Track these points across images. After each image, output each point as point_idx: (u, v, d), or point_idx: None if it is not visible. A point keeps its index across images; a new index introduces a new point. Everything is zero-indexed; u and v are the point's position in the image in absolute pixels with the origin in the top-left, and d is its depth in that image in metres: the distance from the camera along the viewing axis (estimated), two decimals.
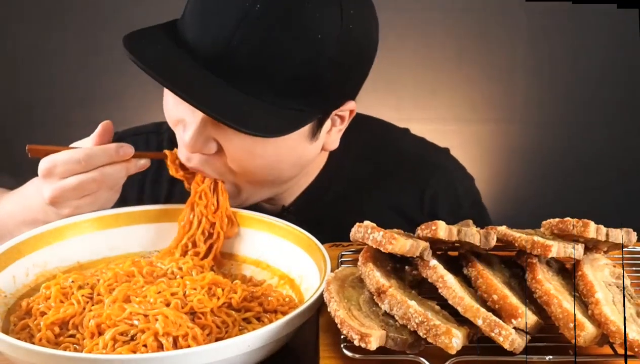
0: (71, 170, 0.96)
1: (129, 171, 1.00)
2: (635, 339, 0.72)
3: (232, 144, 0.97)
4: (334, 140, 1.07)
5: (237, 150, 0.98)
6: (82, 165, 0.96)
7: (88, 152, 0.97)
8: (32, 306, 0.90)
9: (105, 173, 0.97)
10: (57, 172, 0.97)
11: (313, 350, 0.82)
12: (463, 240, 0.81)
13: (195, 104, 0.90)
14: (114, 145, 0.98)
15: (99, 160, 0.97)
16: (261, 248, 1.03)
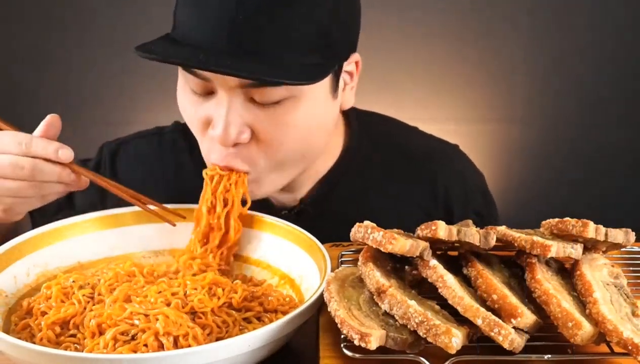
0: (10, 149, 0.93)
1: (61, 177, 0.94)
2: (629, 337, 0.72)
3: (264, 122, 0.98)
4: (348, 99, 1.10)
5: (270, 127, 0.98)
6: (21, 148, 0.92)
7: (32, 138, 0.93)
8: (33, 306, 0.90)
9: (36, 167, 0.92)
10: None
11: (313, 350, 0.82)
12: (463, 240, 0.81)
13: (224, 70, 0.91)
14: (57, 143, 0.94)
15: (39, 150, 0.93)
16: (261, 248, 1.03)
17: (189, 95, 1.01)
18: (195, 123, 1.02)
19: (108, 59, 2.24)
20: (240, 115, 0.97)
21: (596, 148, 2.36)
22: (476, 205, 1.25)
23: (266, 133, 0.99)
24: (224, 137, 0.97)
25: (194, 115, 1.01)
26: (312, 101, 1.00)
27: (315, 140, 1.05)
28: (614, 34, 2.27)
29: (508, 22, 2.29)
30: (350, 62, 1.06)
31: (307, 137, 1.03)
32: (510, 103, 2.37)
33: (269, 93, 0.96)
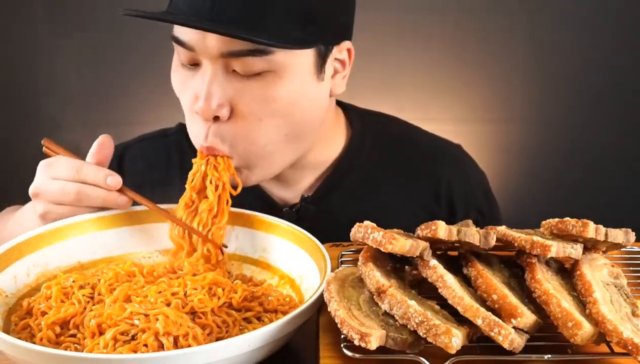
0: (62, 174, 0.99)
1: (106, 201, 1.00)
2: (629, 337, 0.72)
3: (244, 94, 1.00)
4: (339, 84, 1.10)
5: (249, 100, 1.00)
6: (71, 174, 0.98)
7: (82, 165, 0.99)
8: (33, 306, 0.90)
9: (84, 192, 0.99)
10: (51, 170, 1.00)
11: (313, 350, 0.82)
12: (463, 240, 0.81)
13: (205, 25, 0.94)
14: (107, 171, 1.00)
15: (88, 177, 0.99)
16: (261, 248, 1.03)
17: (179, 70, 1.04)
18: (184, 101, 1.04)
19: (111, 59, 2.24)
20: (221, 87, 0.99)
21: (596, 148, 2.36)
22: (479, 204, 1.25)
23: (246, 107, 1.00)
24: (205, 108, 0.99)
25: (184, 91, 1.03)
26: (294, 77, 1.01)
27: (297, 121, 1.05)
28: (614, 34, 2.27)
29: (508, 23, 2.29)
30: (342, 49, 1.07)
31: (288, 115, 1.03)
32: (509, 103, 2.37)
33: (250, 64, 0.98)
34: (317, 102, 1.08)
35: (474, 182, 1.28)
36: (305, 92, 1.04)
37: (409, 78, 2.32)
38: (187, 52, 1.00)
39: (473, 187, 1.27)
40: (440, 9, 2.26)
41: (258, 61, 0.98)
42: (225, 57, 0.98)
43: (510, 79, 2.34)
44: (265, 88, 1.00)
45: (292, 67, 1.00)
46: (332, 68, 1.07)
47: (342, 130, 1.21)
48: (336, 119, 1.20)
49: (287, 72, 1.00)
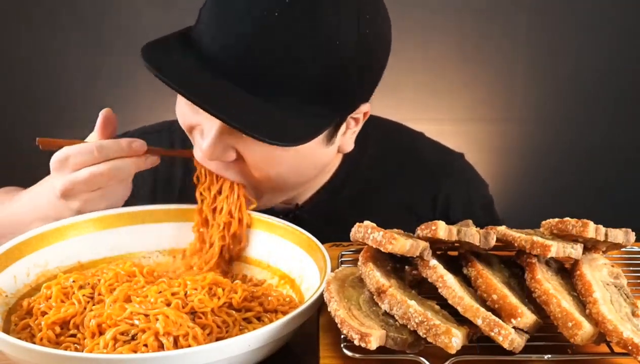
0: (84, 162, 0.96)
1: (139, 167, 1.00)
2: (629, 337, 0.72)
3: (251, 152, 0.97)
4: (348, 143, 1.07)
5: (256, 158, 0.98)
6: (95, 156, 0.96)
7: (101, 144, 0.97)
8: (33, 306, 0.90)
9: (115, 167, 0.97)
10: (69, 164, 0.97)
11: (313, 350, 0.82)
12: (463, 240, 0.81)
13: (214, 113, 0.89)
14: (127, 139, 0.98)
15: (111, 153, 0.97)
16: (261, 248, 1.03)
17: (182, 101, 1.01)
18: (185, 126, 1.02)
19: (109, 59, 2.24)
20: (229, 138, 0.96)
21: (596, 148, 2.36)
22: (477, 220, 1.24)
23: (252, 161, 0.98)
24: (209, 153, 0.97)
25: (188, 117, 1.01)
26: (302, 147, 0.96)
27: (304, 176, 1.05)
28: (614, 34, 2.27)
29: (508, 22, 2.29)
30: (359, 112, 1.03)
31: (296, 171, 1.02)
32: (509, 103, 2.37)
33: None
34: (325, 159, 1.06)
35: (473, 196, 1.26)
36: (313, 155, 1.02)
37: (409, 78, 2.32)
38: None
39: (471, 200, 1.25)
40: (440, 9, 2.26)
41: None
42: None
43: (510, 79, 2.34)
44: (273, 151, 0.96)
45: None
46: (344, 126, 1.03)
47: None
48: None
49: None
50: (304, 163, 1.02)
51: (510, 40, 2.31)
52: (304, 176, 1.05)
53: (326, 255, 0.91)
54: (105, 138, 1.00)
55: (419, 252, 0.80)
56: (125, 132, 1.26)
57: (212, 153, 0.97)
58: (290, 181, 1.04)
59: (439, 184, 1.22)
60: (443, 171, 1.24)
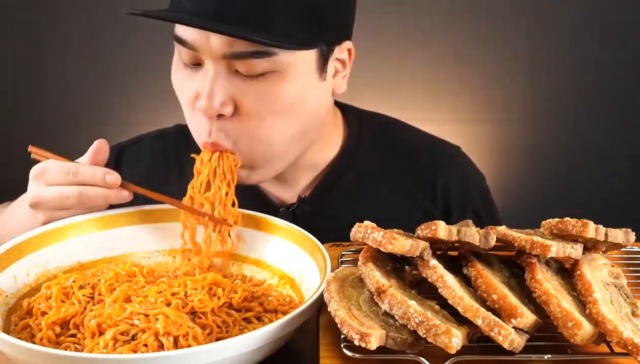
0: (57, 179, 0.98)
1: (108, 199, 1.00)
2: (629, 337, 0.72)
3: (247, 94, 0.99)
4: (340, 84, 1.10)
5: (253, 99, 1.00)
6: (69, 178, 0.98)
7: (77, 168, 0.98)
8: (33, 306, 0.90)
9: (83, 193, 0.98)
10: (45, 177, 0.99)
11: (313, 350, 0.82)
12: (463, 240, 0.81)
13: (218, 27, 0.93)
14: (103, 170, 0.99)
15: (84, 179, 0.98)
16: (261, 248, 1.03)
17: (180, 70, 1.03)
18: (185, 99, 1.04)
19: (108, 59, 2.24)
20: (224, 86, 0.99)
21: (596, 148, 2.36)
22: (476, 207, 1.25)
23: (249, 106, 1.00)
24: (208, 106, 0.99)
25: (184, 89, 1.03)
26: (297, 77, 1.01)
27: (301, 121, 1.05)
28: (614, 34, 2.27)
29: (507, 23, 2.29)
30: (343, 49, 1.07)
31: (292, 114, 1.03)
32: (509, 103, 2.37)
33: (253, 65, 0.98)
34: (320, 101, 1.08)
35: (471, 184, 1.27)
36: (309, 91, 1.04)
37: (409, 78, 2.32)
38: (190, 51, 1.00)
39: (470, 189, 1.26)
40: (440, 9, 2.26)
41: (261, 62, 0.98)
42: (228, 58, 0.98)
43: (510, 79, 2.35)
44: (268, 88, 1.00)
45: (295, 67, 1.00)
46: (333, 68, 1.08)
47: (339, 130, 1.21)
48: (334, 119, 1.20)
49: (290, 72, 1.00)
50: (300, 103, 1.03)
51: (510, 41, 2.31)
52: (301, 124, 1.05)
53: (326, 255, 0.91)
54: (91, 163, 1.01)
55: (419, 252, 0.80)
56: (118, 143, 1.26)
57: (211, 106, 0.98)
58: (286, 131, 1.04)
59: (437, 174, 1.23)
60: (440, 161, 1.25)
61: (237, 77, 0.99)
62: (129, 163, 1.24)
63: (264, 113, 1.01)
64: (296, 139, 1.07)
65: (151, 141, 1.27)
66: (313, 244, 0.95)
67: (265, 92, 1.00)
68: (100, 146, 1.02)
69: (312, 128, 1.09)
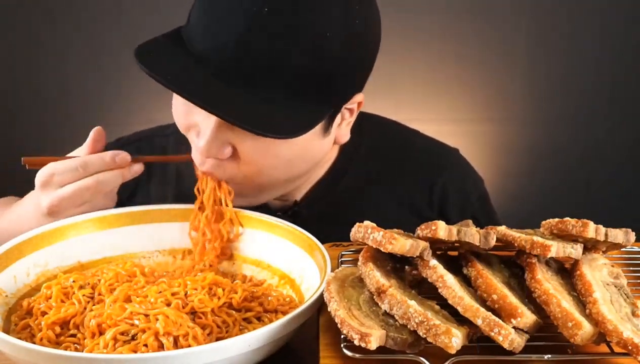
0: (69, 178, 0.98)
1: (124, 177, 1.02)
2: (629, 337, 0.72)
3: (247, 146, 0.98)
4: (344, 134, 1.08)
5: (252, 152, 0.98)
6: (80, 173, 0.98)
7: (85, 160, 0.98)
8: (33, 306, 0.90)
9: (100, 181, 0.99)
10: (54, 181, 0.99)
11: (313, 350, 0.82)
12: (463, 240, 0.81)
13: (212, 110, 0.90)
14: (111, 152, 1.00)
15: (95, 168, 0.98)
16: (261, 248, 1.03)
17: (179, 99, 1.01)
18: (182, 126, 1.03)
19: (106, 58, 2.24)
20: (225, 134, 0.97)
21: (596, 148, 2.36)
22: (474, 211, 1.24)
23: (247, 157, 0.99)
24: (205, 149, 0.97)
25: (184, 117, 1.01)
26: (297, 140, 0.96)
27: (298, 169, 1.05)
28: (614, 34, 2.27)
29: (507, 24, 2.29)
30: (353, 102, 1.04)
31: (289, 166, 1.03)
32: (509, 103, 2.37)
33: None
34: (321, 152, 1.06)
35: (469, 187, 1.27)
36: (310, 147, 1.02)
37: (409, 78, 2.32)
38: None
39: (468, 192, 1.26)
40: (440, 9, 2.26)
41: None
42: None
43: (510, 79, 2.34)
44: (269, 144, 0.97)
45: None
46: (339, 117, 1.05)
47: None
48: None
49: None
50: (299, 157, 1.02)
51: (510, 41, 2.31)
52: (297, 170, 1.05)
53: (326, 255, 0.91)
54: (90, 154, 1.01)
55: (419, 252, 0.80)
56: (119, 138, 1.26)
57: (209, 150, 0.97)
58: (282, 177, 1.04)
59: (435, 176, 1.23)
60: (438, 163, 1.25)
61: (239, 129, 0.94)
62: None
63: (260, 165, 1.00)
64: (291, 180, 1.07)
65: (151, 139, 1.27)
66: (313, 244, 0.95)
67: (265, 146, 0.97)
68: (98, 134, 1.02)
69: (309, 170, 1.09)
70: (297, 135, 0.94)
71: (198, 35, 0.96)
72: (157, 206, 1.07)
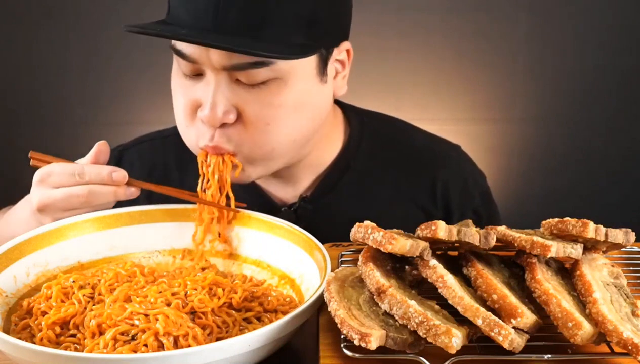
0: (64, 181, 0.99)
1: (117, 196, 1.01)
2: (629, 337, 0.72)
3: (250, 103, 1.00)
4: (341, 86, 1.11)
5: (256, 107, 1.00)
6: (76, 179, 0.99)
7: (83, 169, 0.99)
8: (33, 306, 0.90)
9: (92, 192, 0.99)
10: (50, 180, 0.99)
11: (313, 350, 0.82)
12: (463, 240, 0.81)
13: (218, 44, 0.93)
14: (109, 168, 1.00)
15: (91, 178, 0.99)
16: (261, 248, 1.03)
17: (180, 79, 1.03)
18: (185, 108, 1.03)
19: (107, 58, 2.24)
20: (226, 96, 0.99)
21: (596, 148, 2.36)
22: (475, 206, 1.25)
23: (252, 114, 1.00)
24: (211, 116, 0.99)
25: (184, 98, 1.03)
26: (298, 83, 1.01)
27: (304, 125, 1.06)
28: (614, 34, 2.27)
29: (508, 23, 2.29)
30: (341, 50, 1.08)
31: (295, 119, 1.04)
32: (510, 103, 2.37)
33: (254, 75, 0.98)
34: (321, 104, 1.08)
35: (471, 183, 1.27)
36: (310, 95, 1.04)
37: (409, 78, 2.32)
38: (190, 63, 1.00)
39: (470, 188, 1.26)
40: (440, 9, 2.26)
41: (262, 71, 0.98)
42: (229, 69, 0.98)
43: (510, 79, 2.34)
44: (270, 96, 1.00)
45: (295, 72, 1.01)
46: (333, 69, 1.08)
47: (340, 129, 1.21)
48: (334, 119, 1.20)
49: (291, 78, 1.00)
50: (301, 108, 1.03)
51: (510, 41, 2.31)
52: (302, 128, 1.06)
53: (326, 255, 0.91)
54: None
55: (419, 252, 0.80)
56: (118, 145, 1.27)
57: (214, 116, 0.99)
58: (289, 136, 1.04)
59: (436, 173, 1.23)
60: (439, 160, 1.25)
61: (239, 86, 1.00)
62: (128, 166, 1.24)
63: (267, 119, 1.01)
64: (298, 142, 1.07)
65: (151, 143, 1.27)
66: (313, 244, 0.95)
67: (267, 99, 1.00)
68: (101, 148, 1.03)
69: (314, 130, 1.09)
70: (294, 57, 0.98)
71: (179, 7, 0.98)
72: (156, 206, 1.07)
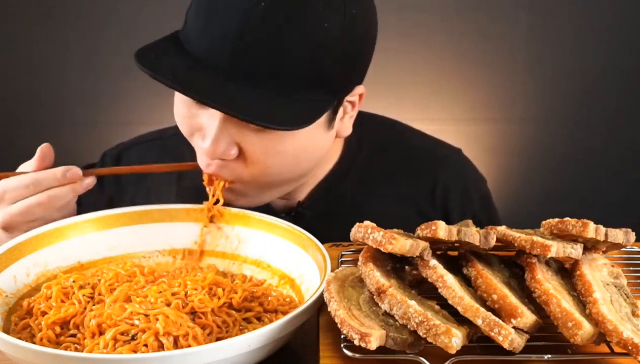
0: (20, 195, 0.99)
1: (76, 192, 1.02)
2: (629, 337, 0.72)
3: (253, 144, 0.98)
4: (347, 126, 1.08)
5: (258, 150, 0.98)
6: (31, 189, 0.99)
7: (37, 177, 0.99)
8: (33, 306, 0.90)
9: (52, 196, 0.99)
10: (6, 197, 1.00)
11: (313, 350, 0.82)
12: (463, 240, 0.81)
13: (216, 106, 0.90)
14: (62, 168, 1.00)
15: (47, 184, 0.99)
16: (261, 248, 1.03)
17: (184, 103, 1.01)
18: (186, 129, 1.02)
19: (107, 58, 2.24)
20: (230, 133, 0.97)
21: (596, 148, 2.36)
22: (475, 210, 1.24)
23: (253, 155, 0.99)
24: (211, 151, 0.97)
25: (187, 121, 1.01)
26: (305, 132, 0.98)
27: (303, 167, 1.05)
28: (613, 34, 2.27)
29: (508, 23, 2.29)
30: (355, 94, 1.04)
31: (295, 163, 1.02)
32: (510, 103, 2.37)
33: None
34: (324, 145, 1.06)
35: (471, 187, 1.26)
36: (314, 141, 1.02)
37: (409, 78, 2.32)
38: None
39: (469, 192, 1.25)
40: (440, 9, 2.26)
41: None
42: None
43: (510, 79, 2.35)
44: (274, 141, 0.97)
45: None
46: (341, 111, 1.05)
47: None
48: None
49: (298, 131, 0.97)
50: (304, 152, 1.02)
51: (510, 40, 2.31)
52: (302, 167, 1.05)
53: (326, 255, 0.91)
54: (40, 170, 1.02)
55: (419, 252, 0.80)
56: (117, 144, 1.27)
57: (215, 151, 0.97)
58: (287, 175, 1.04)
59: (436, 176, 1.23)
60: (439, 163, 1.25)
61: (245, 126, 0.96)
62: (128, 165, 1.24)
63: (267, 163, 1.00)
64: (295, 178, 1.07)
65: (151, 143, 1.27)
66: (313, 244, 0.95)
67: (271, 144, 0.98)
68: (45, 151, 1.03)
69: (315, 165, 1.08)
70: (302, 127, 0.95)
71: (196, 35, 0.96)
72: (157, 206, 1.07)
